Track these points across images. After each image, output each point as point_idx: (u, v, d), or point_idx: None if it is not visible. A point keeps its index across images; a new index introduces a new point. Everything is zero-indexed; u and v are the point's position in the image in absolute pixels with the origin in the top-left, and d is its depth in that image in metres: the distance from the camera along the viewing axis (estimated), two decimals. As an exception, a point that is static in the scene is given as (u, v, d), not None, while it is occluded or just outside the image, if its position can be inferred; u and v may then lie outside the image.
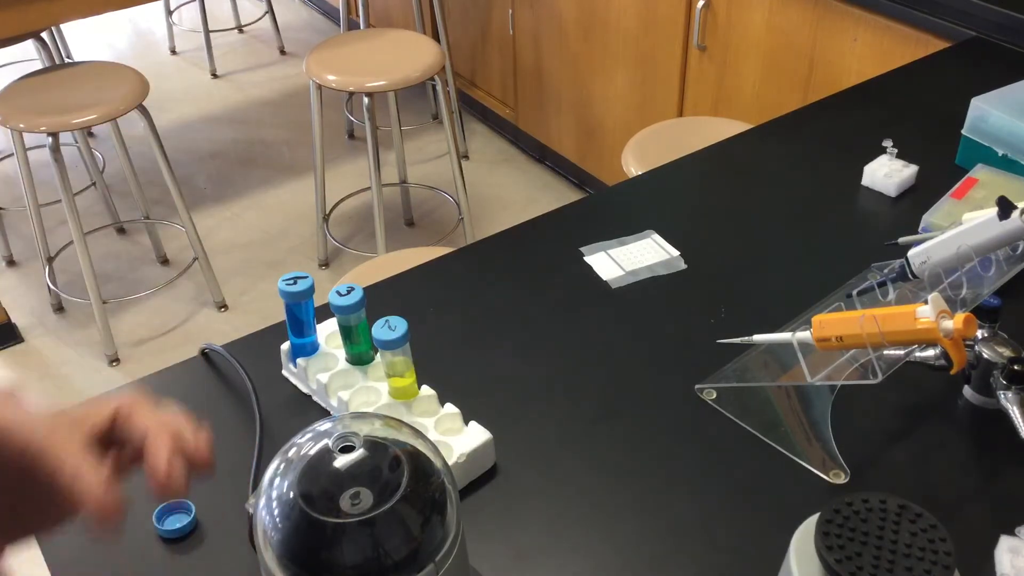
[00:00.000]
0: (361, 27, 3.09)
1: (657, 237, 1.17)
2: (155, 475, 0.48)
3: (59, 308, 2.71)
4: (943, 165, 1.29)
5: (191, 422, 0.52)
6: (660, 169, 1.34)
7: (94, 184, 3.05)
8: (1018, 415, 0.82)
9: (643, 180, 1.32)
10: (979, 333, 0.87)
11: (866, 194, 1.24)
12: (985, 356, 0.86)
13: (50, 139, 2.25)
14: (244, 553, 0.79)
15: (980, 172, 1.21)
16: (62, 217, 2.87)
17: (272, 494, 0.55)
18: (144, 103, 2.36)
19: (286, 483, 0.55)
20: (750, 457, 0.87)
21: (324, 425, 0.58)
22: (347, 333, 0.91)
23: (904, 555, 0.56)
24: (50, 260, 2.74)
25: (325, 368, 0.93)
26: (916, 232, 1.12)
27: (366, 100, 2.42)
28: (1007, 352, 0.85)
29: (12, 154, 2.94)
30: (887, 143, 1.26)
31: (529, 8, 2.86)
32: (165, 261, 2.89)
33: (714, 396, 0.93)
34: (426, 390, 0.89)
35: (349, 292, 0.88)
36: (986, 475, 0.84)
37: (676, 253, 1.14)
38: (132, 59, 4.13)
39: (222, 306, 2.70)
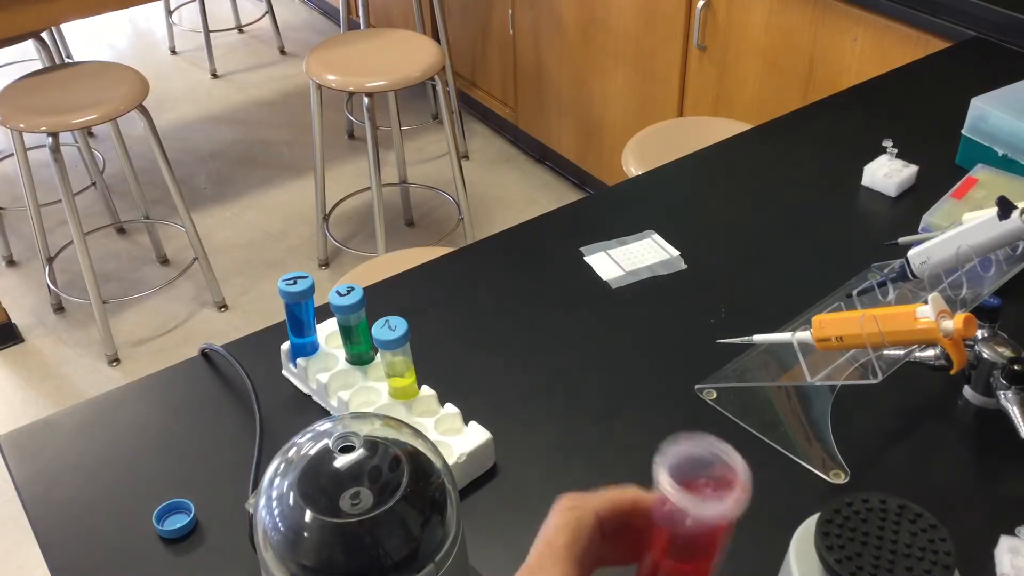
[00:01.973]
0: (361, 27, 3.09)
1: (657, 237, 1.17)
2: None
3: (59, 308, 2.71)
4: (943, 165, 1.28)
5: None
6: (660, 169, 1.34)
7: (94, 184, 3.05)
8: (1018, 415, 0.82)
9: (643, 180, 1.32)
10: (979, 333, 0.87)
11: (866, 194, 1.24)
12: (985, 356, 0.86)
13: (50, 139, 2.25)
14: (244, 553, 0.79)
15: (980, 172, 1.21)
16: (62, 217, 2.87)
17: (272, 494, 0.55)
18: (144, 103, 2.36)
19: (286, 483, 0.55)
20: (750, 457, 0.86)
21: (324, 425, 0.58)
22: (347, 333, 0.91)
23: (904, 555, 0.56)
24: (50, 260, 2.74)
25: (325, 368, 0.93)
26: (916, 232, 1.12)
27: (366, 100, 2.42)
28: (1007, 352, 0.85)
29: (12, 154, 2.94)
30: (887, 143, 1.26)
31: (529, 8, 2.86)
32: (165, 261, 2.89)
33: (714, 396, 0.93)
34: (426, 390, 0.89)
35: (349, 292, 0.87)
36: (986, 475, 0.84)
37: (676, 253, 1.14)
38: (132, 59, 4.13)
39: (222, 306, 2.70)
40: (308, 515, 0.53)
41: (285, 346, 0.96)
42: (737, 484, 0.38)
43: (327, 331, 0.96)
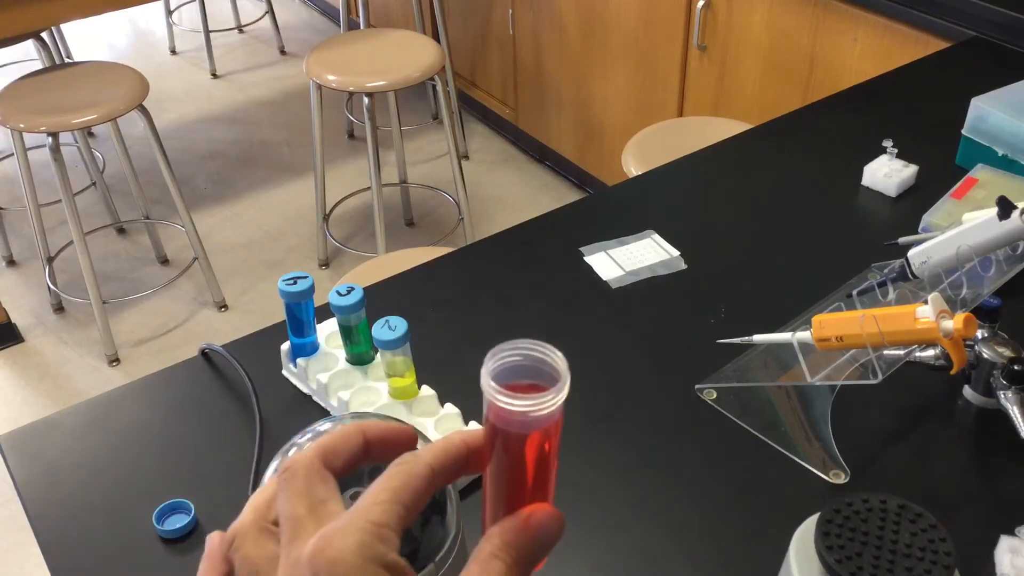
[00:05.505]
0: (361, 27, 3.09)
1: (657, 237, 1.17)
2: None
3: (59, 308, 2.71)
4: (943, 165, 1.29)
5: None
6: (660, 169, 1.34)
7: (94, 184, 3.05)
8: (1018, 415, 0.82)
9: (643, 180, 1.32)
10: (979, 333, 0.87)
11: (866, 194, 1.24)
12: (985, 356, 0.86)
13: (50, 139, 2.25)
14: (244, 553, 0.79)
15: (980, 172, 1.21)
16: (62, 217, 2.87)
17: (272, 494, 0.55)
18: (144, 103, 2.36)
19: (286, 483, 0.55)
20: (750, 457, 0.87)
21: (324, 425, 0.58)
22: (347, 333, 0.91)
23: (904, 555, 0.56)
24: (50, 260, 2.74)
25: (325, 368, 0.93)
26: (916, 232, 1.12)
27: (366, 100, 2.42)
28: (1007, 352, 0.85)
29: (12, 154, 2.94)
30: (887, 143, 1.26)
31: (529, 8, 2.86)
32: (165, 261, 2.89)
33: (714, 396, 0.93)
34: (426, 390, 0.89)
35: (349, 292, 0.88)
36: (986, 475, 0.84)
37: (676, 253, 1.14)
38: (132, 59, 4.13)
39: (222, 306, 2.70)
40: (308, 515, 0.53)
41: (285, 346, 0.96)
42: (559, 379, 0.38)
43: (327, 331, 0.96)
